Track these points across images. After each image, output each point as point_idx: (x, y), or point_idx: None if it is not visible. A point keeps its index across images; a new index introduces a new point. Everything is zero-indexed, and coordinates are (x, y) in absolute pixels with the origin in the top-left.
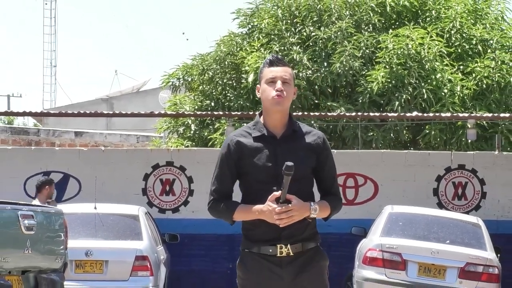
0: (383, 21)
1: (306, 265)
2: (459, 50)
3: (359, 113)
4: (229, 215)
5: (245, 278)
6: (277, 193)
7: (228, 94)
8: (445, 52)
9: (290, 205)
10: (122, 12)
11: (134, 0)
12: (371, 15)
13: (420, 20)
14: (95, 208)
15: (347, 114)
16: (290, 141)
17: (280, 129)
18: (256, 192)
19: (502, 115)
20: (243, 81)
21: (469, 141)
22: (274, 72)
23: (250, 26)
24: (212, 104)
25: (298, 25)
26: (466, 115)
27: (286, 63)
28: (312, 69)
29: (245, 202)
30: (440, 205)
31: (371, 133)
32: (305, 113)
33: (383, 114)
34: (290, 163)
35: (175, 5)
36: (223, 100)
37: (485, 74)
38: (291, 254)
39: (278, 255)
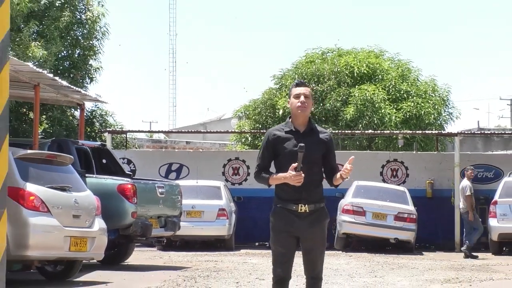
0: (352, 81)
1: (316, 222)
2: (393, 97)
3: (340, 131)
4: (266, 180)
5: (275, 222)
6: (294, 164)
7: (268, 121)
8: (386, 97)
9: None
10: (207, 69)
11: (216, 64)
12: (346, 77)
13: (372, 80)
14: (197, 182)
15: (333, 131)
16: (309, 135)
17: (303, 127)
18: (285, 167)
19: (417, 132)
20: (276, 113)
21: (400, 146)
22: (298, 90)
23: (280, 84)
24: (260, 126)
25: (306, 83)
26: (398, 132)
27: (307, 84)
28: (314, 106)
29: (277, 173)
30: (384, 181)
31: (346, 142)
32: None
33: (353, 131)
34: (302, 144)
35: (239, 69)
36: (266, 124)
37: (408, 110)
38: (307, 211)
39: (299, 211)
